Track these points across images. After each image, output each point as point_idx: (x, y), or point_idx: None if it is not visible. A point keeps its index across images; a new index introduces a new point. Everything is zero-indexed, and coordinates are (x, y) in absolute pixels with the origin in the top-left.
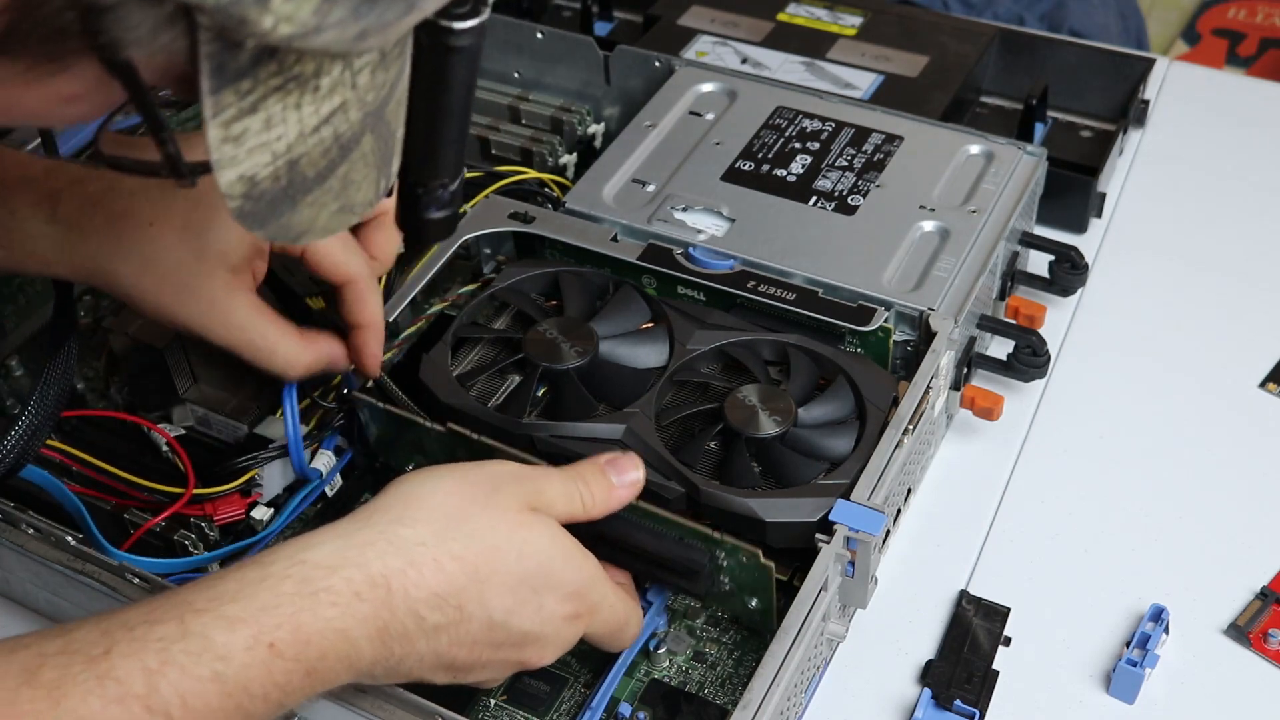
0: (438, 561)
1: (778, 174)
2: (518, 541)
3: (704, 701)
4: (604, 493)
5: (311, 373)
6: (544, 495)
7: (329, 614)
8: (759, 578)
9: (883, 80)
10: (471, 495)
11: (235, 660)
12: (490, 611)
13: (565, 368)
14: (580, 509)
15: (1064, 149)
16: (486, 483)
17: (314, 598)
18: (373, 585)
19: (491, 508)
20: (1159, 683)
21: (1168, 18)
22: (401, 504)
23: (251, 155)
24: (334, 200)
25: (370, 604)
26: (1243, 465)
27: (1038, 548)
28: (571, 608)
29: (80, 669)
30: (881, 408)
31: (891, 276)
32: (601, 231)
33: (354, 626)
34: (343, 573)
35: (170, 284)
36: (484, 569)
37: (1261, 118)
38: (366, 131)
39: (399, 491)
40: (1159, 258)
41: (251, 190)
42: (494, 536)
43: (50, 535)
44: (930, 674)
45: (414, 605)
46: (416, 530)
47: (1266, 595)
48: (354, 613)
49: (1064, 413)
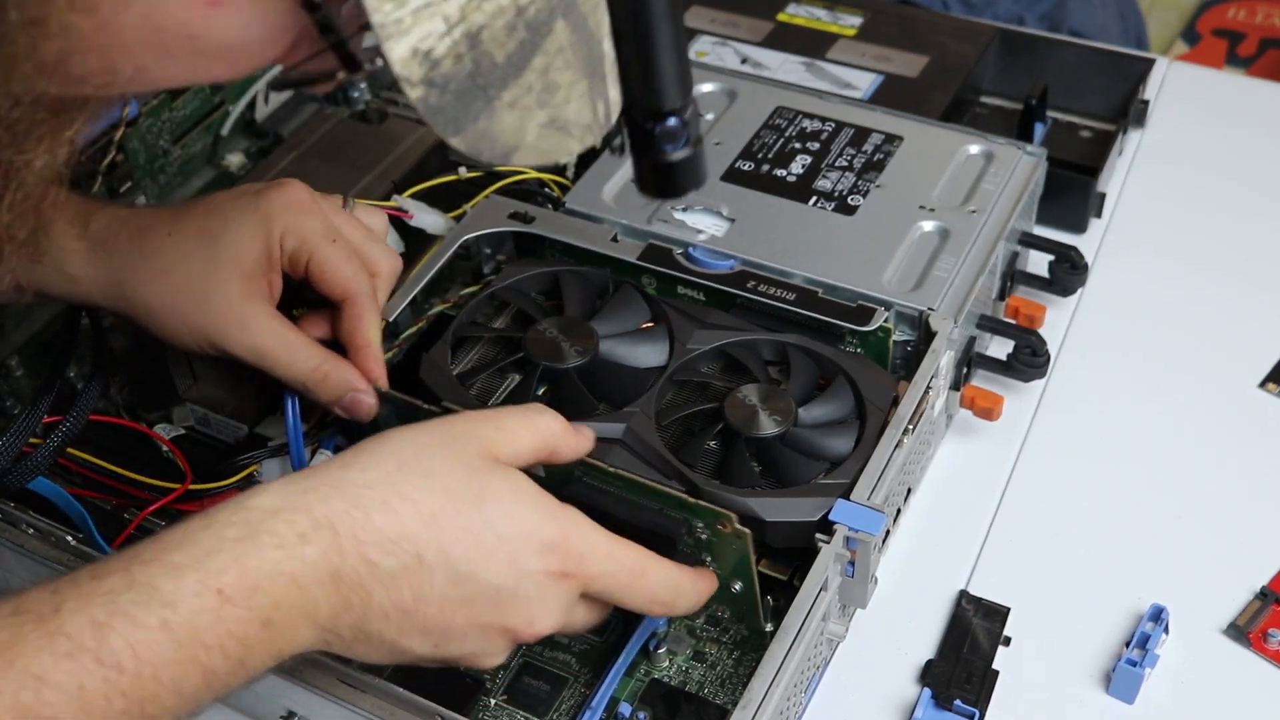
0: (386, 502)
1: (778, 174)
2: (477, 486)
3: (704, 701)
4: (565, 426)
5: (332, 398)
6: (505, 435)
7: (274, 555)
8: (737, 549)
9: (883, 80)
10: (426, 441)
11: (183, 607)
12: (453, 562)
13: (565, 367)
14: (547, 443)
15: (1064, 149)
16: (443, 430)
17: (256, 540)
18: (317, 527)
19: (449, 450)
20: (1159, 683)
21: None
22: (352, 453)
23: (419, 19)
24: (539, 107)
25: (317, 547)
26: (1242, 465)
27: (1038, 548)
28: (553, 561)
29: (31, 628)
30: (881, 408)
31: (891, 276)
32: (601, 231)
33: (303, 571)
34: (285, 515)
35: (186, 290)
36: (440, 514)
37: (1261, 118)
38: (558, 16)
39: (353, 446)
40: (1159, 258)
41: (433, 73)
42: (449, 480)
43: (50, 535)
44: (930, 674)
45: (363, 549)
46: (365, 474)
47: (1266, 595)
48: (300, 555)
49: (1064, 413)
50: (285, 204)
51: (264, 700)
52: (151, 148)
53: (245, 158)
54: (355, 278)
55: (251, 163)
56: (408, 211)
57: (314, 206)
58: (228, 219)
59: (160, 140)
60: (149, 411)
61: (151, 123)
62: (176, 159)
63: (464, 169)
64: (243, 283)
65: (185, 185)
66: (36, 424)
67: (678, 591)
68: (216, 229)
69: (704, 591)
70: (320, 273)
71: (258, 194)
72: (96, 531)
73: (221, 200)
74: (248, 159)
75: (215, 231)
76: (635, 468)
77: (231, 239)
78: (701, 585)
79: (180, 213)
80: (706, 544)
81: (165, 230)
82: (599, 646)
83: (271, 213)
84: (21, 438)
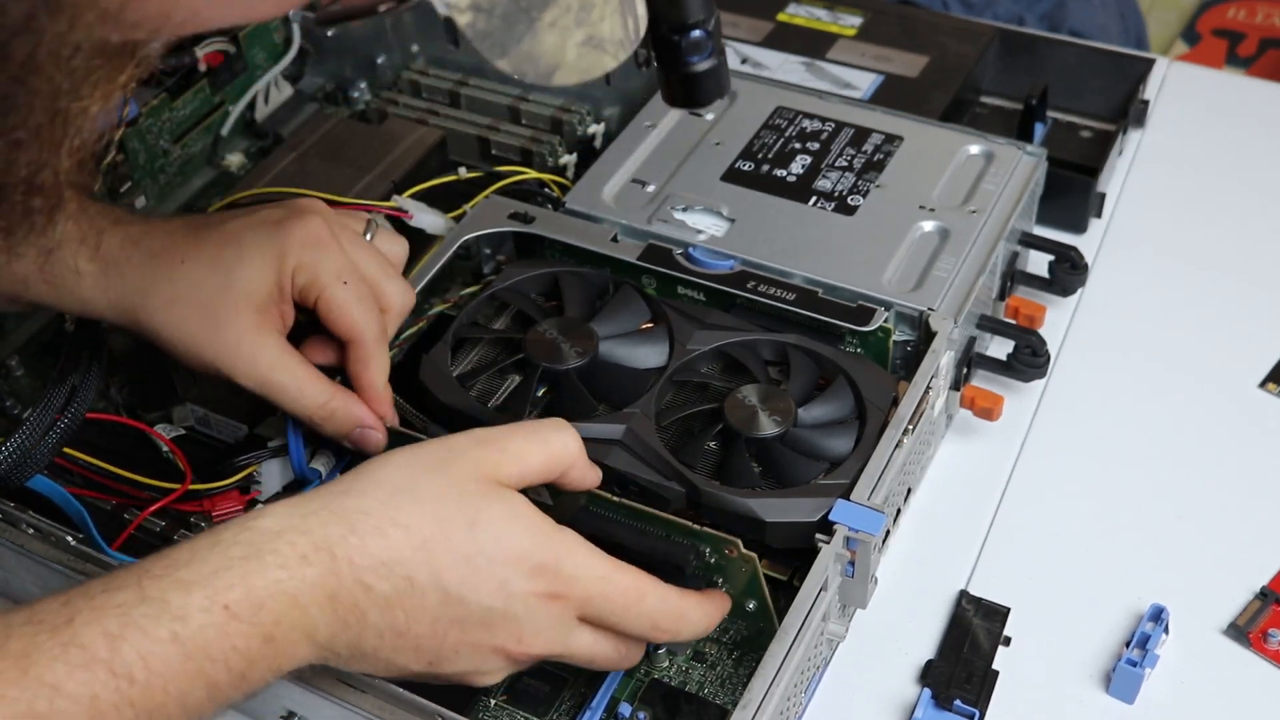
0: (380, 529)
1: (778, 174)
2: (470, 511)
3: (704, 701)
4: (581, 446)
5: (339, 433)
6: (507, 458)
7: (277, 575)
8: (746, 572)
9: (883, 80)
10: (424, 464)
11: (192, 621)
12: (445, 585)
13: (565, 368)
14: (559, 461)
15: (1064, 149)
16: (441, 452)
17: (261, 560)
18: (317, 549)
19: (443, 476)
20: (1159, 683)
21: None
22: (352, 477)
23: None
24: (577, 26)
25: (316, 569)
26: (1242, 465)
27: (1038, 548)
28: (543, 584)
29: (45, 638)
30: (881, 408)
31: (891, 276)
32: (601, 231)
33: (303, 591)
34: (288, 537)
35: (197, 318)
36: (431, 539)
37: (1261, 118)
38: None
39: (354, 469)
40: (1159, 258)
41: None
42: (441, 505)
43: (50, 535)
44: (930, 674)
45: (359, 573)
46: (362, 500)
47: (1266, 595)
48: (301, 576)
49: (1064, 413)
50: (303, 239)
51: (264, 700)
52: (151, 148)
53: (245, 158)
54: (363, 321)
55: (251, 163)
56: (408, 211)
57: (331, 242)
58: (243, 250)
59: (160, 140)
60: (149, 411)
61: (151, 123)
62: (176, 159)
63: (464, 169)
64: (254, 315)
65: (185, 185)
66: (50, 420)
67: (681, 617)
68: (230, 260)
69: (713, 615)
70: (328, 313)
71: (277, 224)
72: (96, 532)
73: (239, 228)
74: (248, 159)
75: (229, 262)
76: (635, 468)
77: (245, 272)
78: (711, 609)
79: (195, 236)
80: (716, 566)
81: (179, 256)
82: None
83: (287, 247)
84: (35, 435)
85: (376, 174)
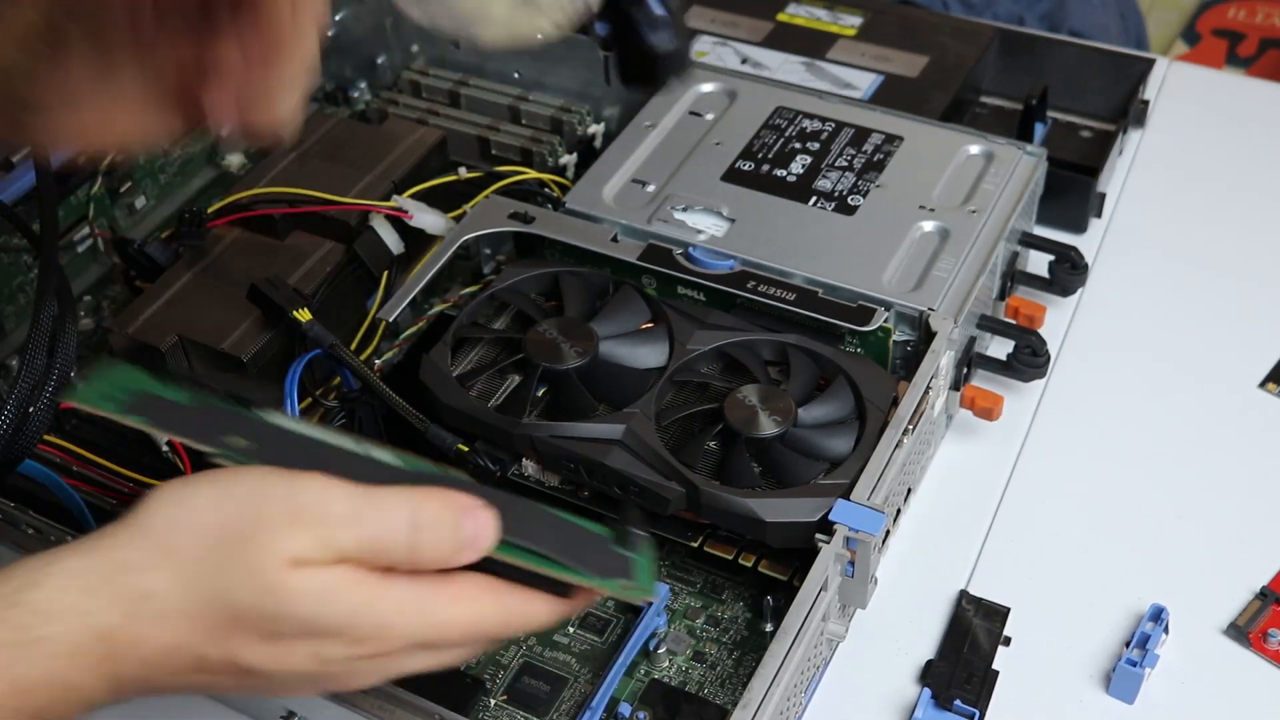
0: (164, 618)
1: (778, 174)
2: (271, 605)
3: (704, 701)
4: (446, 539)
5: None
6: (325, 541)
7: (49, 665)
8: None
9: (883, 80)
10: (224, 534)
11: None
12: (241, 663)
13: (565, 368)
14: (384, 551)
15: (1064, 149)
16: (249, 517)
17: (30, 648)
18: (96, 638)
19: (244, 557)
20: (1159, 683)
21: (1168, 18)
22: (141, 535)
23: None
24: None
25: (93, 656)
26: (1242, 465)
27: (1038, 548)
28: (358, 651)
29: None
30: (881, 408)
31: (891, 276)
32: (601, 231)
33: (80, 678)
34: (62, 622)
35: None
36: (221, 630)
37: (1261, 118)
38: None
39: (145, 516)
40: (1159, 258)
41: None
42: (237, 598)
43: (50, 535)
44: (930, 674)
45: (143, 656)
46: (145, 577)
47: (1266, 595)
48: (77, 665)
49: (1064, 413)
50: None
51: (264, 700)
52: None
53: (245, 158)
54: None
55: (251, 163)
56: (408, 211)
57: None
58: None
59: None
60: None
61: None
62: (176, 159)
63: (464, 169)
64: None
65: (185, 185)
66: (38, 371)
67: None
68: None
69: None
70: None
71: None
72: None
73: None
74: (248, 159)
75: None
76: (635, 468)
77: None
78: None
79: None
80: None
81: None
82: (599, 646)
83: None
84: (30, 393)
85: (376, 174)
